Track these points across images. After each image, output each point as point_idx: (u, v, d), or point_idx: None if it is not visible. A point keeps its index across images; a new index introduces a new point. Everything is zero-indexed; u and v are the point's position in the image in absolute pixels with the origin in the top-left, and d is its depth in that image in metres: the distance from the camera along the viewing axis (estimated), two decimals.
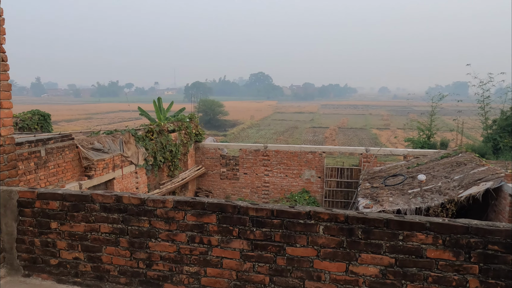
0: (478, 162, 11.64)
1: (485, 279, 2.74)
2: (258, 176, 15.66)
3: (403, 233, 2.84)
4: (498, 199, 9.84)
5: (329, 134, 47.46)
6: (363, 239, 2.91)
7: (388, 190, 11.76)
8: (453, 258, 2.77)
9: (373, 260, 2.91)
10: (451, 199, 9.86)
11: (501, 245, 2.70)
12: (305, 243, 3.02)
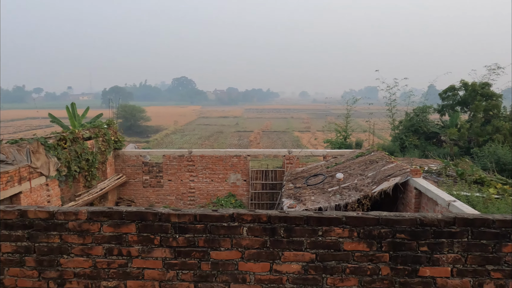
0: (388, 159, 12.69)
1: (394, 266, 2.97)
2: (183, 183, 15.34)
3: (322, 228, 2.96)
4: (405, 192, 10.81)
5: (254, 138, 48.31)
6: (286, 237, 2.98)
7: (310, 190, 12.29)
8: (367, 249, 2.96)
9: (296, 257, 2.99)
10: (366, 194, 10.61)
11: (407, 233, 2.94)
12: (229, 246, 3.00)
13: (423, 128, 23.18)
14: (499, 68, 23.15)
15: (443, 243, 2.94)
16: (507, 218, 2.94)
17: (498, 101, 21.60)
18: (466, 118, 23.04)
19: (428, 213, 3.02)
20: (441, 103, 23.87)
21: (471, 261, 2.95)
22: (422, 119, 23.65)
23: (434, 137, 23.18)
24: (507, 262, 2.94)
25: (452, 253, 2.94)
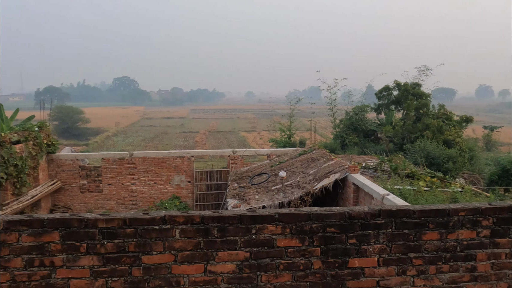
0: (328, 157, 13.16)
1: (326, 259, 3.06)
2: (124, 186, 14.75)
3: (255, 226, 2.98)
4: (344, 188, 11.27)
5: (200, 139, 47.81)
6: (220, 237, 2.96)
7: (254, 189, 12.39)
8: (299, 244, 3.03)
9: (230, 256, 2.98)
10: (308, 191, 10.90)
11: (337, 227, 3.05)
12: (161, 249, 2.92)
13: (362, 126, 24.34)
14: (428, 69, 24.96)
15: (370, 234, 3.08)
16: (426, 208, 3.15)
17: (427, 100, 23.26)
18: (400, 116, 24.54)
19: (356, 207, 3.16)
20: (377, 102, 25.22)
21: (395, 250, 3.12)
22: (360, 118, 24.82)
23: (372, 134, 24.43)
24: (426, 249, 3.15)
25: (378, 243, 3.10)
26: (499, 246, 3.22)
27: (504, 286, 3.27)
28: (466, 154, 19.43)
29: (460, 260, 3.20)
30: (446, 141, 20.17)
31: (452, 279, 3.21)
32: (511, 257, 3.25)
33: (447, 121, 22.34)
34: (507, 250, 3.24)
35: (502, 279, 3.27)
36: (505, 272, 3.26)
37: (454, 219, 3.15)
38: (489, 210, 3.19)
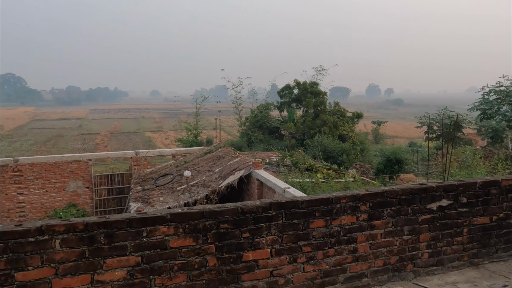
0: (234, 154, 13.35)
1: (220, 255, 3.09)
2: (9, 197, 13.12)
3: (146, 229, 2.86)
4: (249, 184, 11.55)
5: (101, 141, 44.74)
6: (107, 244, 2.78)
7: (159, 190, 12.01)
8: (193, 243, 3.00)
9: (119, 263, 2.82)
10: (214, 190, 10.92)
11: (230, 223, 3.09)
12: (39, 263, 2.65)
13: (267, 124, 25.21)
14: (324, 69, 26.86)
15: (262, 227, 3.19)
16: (312, 198, 3.37)
17: (324, 98, 25.04)
18: (301, 114, 26.02)
19: (248, 201, 3.24)
20: (280, 101, 26.38)
21: (286, 240, 3.28)
22: (265, 116, 25.68)
23: (276, 131, 25.47)
24: (314, 236, 3.37)
25: (270, 235, 3.22)
26: (375, 228, 3.59)
27: (380, 263, 3.66)
28: (358, 147, 21.40)
29: (344, 243, 3.49)
30: (341, 135, 21.96)
31: (338, 261, 3.49)
32: (385, 237, 3.65)
33: (342, 117, 24.33)
34: (382, 231, 3.63)
35: (379, 257, 3.65)
36: (380, 250, 3.65)
37: (337, 206, 3.43)
38: (366, 196, 3.54)
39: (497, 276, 3.87)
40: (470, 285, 3.70)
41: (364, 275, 3.62)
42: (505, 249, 4.21)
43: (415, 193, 3.71)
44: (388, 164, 16.66)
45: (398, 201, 3.66)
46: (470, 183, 3.94)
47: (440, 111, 18.01)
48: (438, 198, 3.81)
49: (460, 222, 3.94)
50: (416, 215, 3.75)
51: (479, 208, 4.01)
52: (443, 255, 3.92)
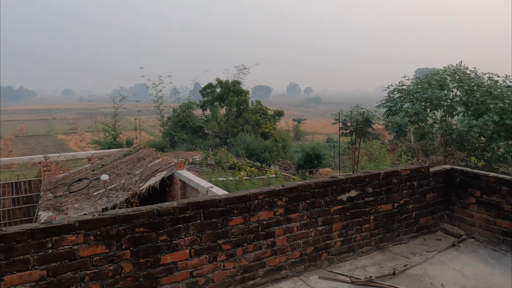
0: (155, 155, 12.93)
1: (136, 261, 2.97)
2: None
3: (52, 239, 2.65)
4: (172, 185, 11.28)
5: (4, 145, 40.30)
6: (5, 259, 2.52)
7: (73, 197, 11.18)
8: (106, 250, 2.85)
9: (20, 279, 2.57)
10: (134, 193, 10.47)
11: (146, 226, 2.99)
12: None
13: (190, 123, 24.85)
14: (245, 68, 27.21)
15: (180, 228, 3.14)
16: (230, 196, 3.41)
17: (246, 96, 25.39)
18: (224, 112, 26.08)
19: (165, 203, 3.16)
20: (203, 99, 26.16)
21: (206, 240, 3.27)
22: (188, 115, 25.28)
23: (199, 130, 25.22)
24: (233, 233, 3.41)
25: (189, 236, 3.19)
26: (292, 221, 3.75)
27: (297, 254, 3.83)
28: (280, 144, 22.09)
29: (262, 238, 3.58)
30: (264, 133, 22.48)
31: (257, 256, 3.57)
32: (301, 229, 3.83)
33: (264, 116, 24.90)
34: (298, 223, 3.79)
35: (296, 249, 3.82)
36: (297, 242, 3.81)
37: (255, 202, 3.51)
38: (282, 191, 3.67)
39: (400, 257, 4.28)
40: (377, 267, 4.04)
41: (283, 267, 3.75)
42: (406, 232, 4.67)
43: (327, 186, 3.94)
44: (308, 160, 17.45)
45: (312, 194, 3.86)
46: (374, 174, 4.30)
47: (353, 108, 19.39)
48: (348, 190, 4.10)
49: (367, 211, 4.28)
50: (329, 206, 3.98)
51: (383, 196, 4.39)
52: (354, 242, 4.23)
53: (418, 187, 4.67)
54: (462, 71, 14.33)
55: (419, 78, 15.26)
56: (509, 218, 4.34)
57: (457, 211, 4.87)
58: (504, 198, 4.36)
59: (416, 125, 13.58)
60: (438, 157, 14.47)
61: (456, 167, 4.97)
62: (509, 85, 13.15)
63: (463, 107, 13.55)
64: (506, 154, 11.61)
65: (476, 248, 4.44)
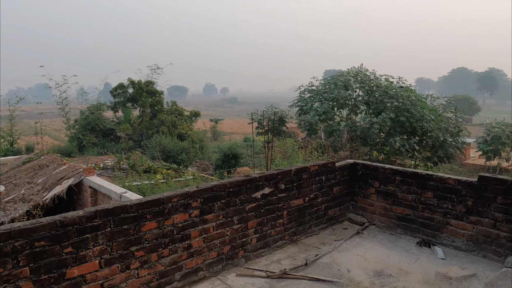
0: (60, 161, 11.93)
1: (38, 278, 2.72)
2: None
3: None
4: (81, 193, 10.51)
5: None
6: None
7: None
8: (0, 270, 2.56)
9: None
10: (37, 204, 9.55)
11: (47, 239, 2.75)
12: None
13: (100, 126, 23.40)
14: (159, 68, 26.44)
15: (87, 238, 2.95)
16: (143, 200, 3.29)
17: (161, 97, 24.69)
18: (137, 114, 25.02)
19: (70, 213, 2.94)
20: (114, 100, 24.81)
21: (117, 248, 3.12)
22: (98, 117, 23.79)
23: (111, 133, 23.87)
24: (147, 239, 3.30)
25: (98, 245, 3.01)
26: (208, 222, 3.75)
27: (214, 254, 3.85)
28: (197, 145, 21.91)
29: (178, 241, 3.53)
30: (180, 134, 22.10)
31: (173, 260, 3.51)
32: (217, 229, 3.85)
33: (180, 116, 24.46)
34: (214, 224, 3.81)
35: (213, 249, 3.83)
36: (214, 242, 3.83)
37: (169, 205, 3.44)
38: (197, 192, 3.65)
39: (311, 248, 4.53)
40: (291, 260, 4.23)
41: (200, 269, 3.74)
42: (316, 224, 4.97)
43: (241, 185, 4.02)
44: (225, 160, 17.58)
45: (227, 193, 3.90)
46: (286, 171, 4.50)
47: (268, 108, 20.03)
48: (262, 187, 4.23)
49: (280, 206, 4.46)
50: (244, 204, 4.07)
51: (295, 192, 4.62)
52: (269, 238, 4.38)
53: (326, 181, 5.00)
54: (363, 73, 15.67)
55: (327, 79, 16.32)
56: (403, 205, 4.87)
57: (360, 201, 5.32)
58: (398, 187, 4.89)
59: (325, 123, 14.51)
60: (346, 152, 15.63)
61: (358, 161, 5.42)
62: (402, 86, 14.73)
63: (365, 106, 14.83)
64: (401, 148, 12.96)
65: (377, 234, 4.90)
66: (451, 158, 14.32)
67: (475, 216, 4.24)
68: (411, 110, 13.12)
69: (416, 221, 4.75)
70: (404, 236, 4.82)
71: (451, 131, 14.03)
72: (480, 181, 4.21)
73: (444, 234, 4.51)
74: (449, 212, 4.46)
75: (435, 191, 4.56)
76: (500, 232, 4.08)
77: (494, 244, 4.13)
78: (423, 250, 4.39)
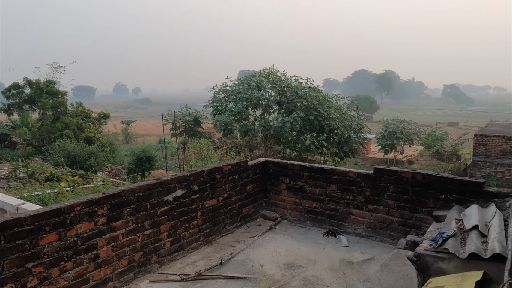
0: None
1: None
2: None
3: None
4: None
5: None
6: None
7: None
8: None
9: None
10: None
11: None
12: None
13: None
14: (61, 67, 24.34)
15: None
16: (40, 212, 3.01)
17: (64, 98, 22.74)
18: (37, 117, 22.74)
19: None
20: (7, 102, 22.25)
21: (10, 266, 2.81)
22: None
23: (5, 139, 21.35)
24: (46, 253, 3.03)
25: None
26: (116, 229, 3.57)
27: (125, 263, 3.68)
28: (107, 149, 20.65)
29: (83, 253, 3.30)
30: (88, 138, 20.63)
31: (78, 273, 3.27)
32: (127, 236, 3.69)
33: (87, 119, 22.81)
34: (123, 231, 3.64)
35: (123, 257, 3.66)
36: (124, 250, 3.66)
37: (71, 215, 3.20)
38: (103, 199, 3.45)
39: (226, 247, 4.58)
40: (206, 260, 4.23)
41: (110, 279, 3.55)
42: (231, 223, 5.04)
43: (152, 188, 3.91)
44: (139, 163, 16.88)
45: (136, 198, 3.75)
46: (199, 172, 4.48)
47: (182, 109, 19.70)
48: (174, 190, 4.15)
49: (194, 208, 4.43)
50: (156, 208, 3.96)
51: (208, 192, 4.62)
52: (183, 240, 4.32)
53: (239, 180, 5.10)
54: (275, 74, 16.27)
55: (240, 79, 16.60)
56: (311, 199, 5.17)
57: (273, 197, 5.52)
58: (306, 182, 5.18)
59: (240, 123, 14.75)
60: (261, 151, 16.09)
61: (269, 159, 5.62)
62: (310, 86, 15.61)
63: (277, 106, 15.41)
64: (311, 145, 13.74)
65: (288, 228, 5.14)
66: (355, 152, 15.57)
67: (373, 204, 4.69)
68: (319, 109, 13.98)
69: (323, 213, 5.09)
70: (313, 228, 5.12)
71: (354, 128, 15.27)
72: (375, 173, 4.65)
73: (347, 223, 4.90)
74: (351, 203, 4.85)
75: (339, 184, 4.92)
76: (393, 218, 4.56)
77: (388, 229, 4.60)
78: (330, 240, 4.72)
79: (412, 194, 4.41)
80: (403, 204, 4.48)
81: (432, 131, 24.62)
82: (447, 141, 24.46)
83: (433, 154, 24.19)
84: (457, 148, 24.12)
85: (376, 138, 21.72)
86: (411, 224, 4.43)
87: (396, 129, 20.51)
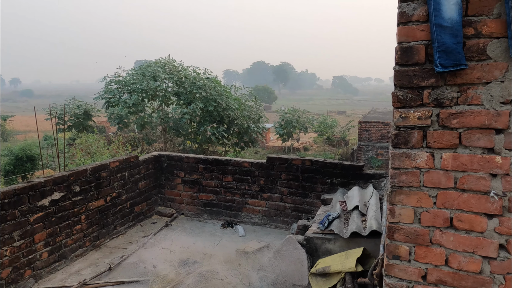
0: None
1: None
2: None
3: None
4: None
5: None
6: None
7: None
8: None
9: None
10: None
11: None
12: None
13: None
14: None
15: None
16: None
17: None
18: None
19: None
20: None
21: None
22: None
23: None
24: None
25: None
26: None
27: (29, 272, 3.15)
28: None
29: None
30: None
31: None
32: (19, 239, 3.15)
33: None
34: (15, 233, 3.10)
35: None
36: None
37: None
38: None
39: (117, 250, 4.25)
40: (93, 267, 3.86)
41: None
42: (122, 224, 4.69)
43: (21, 193, 3.40)
44: (18, 163, 14.91)
45: (1, 206, 3.22)
46: (81, 171, 4.05)
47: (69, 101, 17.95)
48: (50, 193, 3.68)
49: (76, 211, 3.99)
50: (27, 216, 3.46)
51: (93, 192, 4.21)
52: (65, 248, 3.88)
53: (130, 176, 4.76)
54: (172, 64, 15.72)
55: (134, 69, 15.69)
56: (207, 191, 5.08)
57: (168, 192, 5.30)
58: (202, 175, 5.06)
59: (136, 115, 13.96)
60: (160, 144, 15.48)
61: (163, 153, 5.37)
62: (209, 77, 15.46)
63: (175, 97, 14.94)
64: (212, 136, 13.66)
65: (185, 223, 4.98)
66: (255, 142, 15.96)
67: (267, 193, 4.78)
68: (218, 100, 13.94)
69: (220, 204, 5.04)
70: (211, 221, 5.05)
71: (253, 118, 15.61)
72: (268, 161, 4.75)
73: (244, 213, 4.93)
74: (246, 193, 4.89)
75: (234, 175, 4.92)
76: (286, 204, 4.72)
77: (282, 215, 4.75)
78: (227, 231, 4.70)
79: (302, 180, 4.61)
80: (294, 190, 4.65)
81: (324, 119, 26.51)
82: (337, 128, 26.59)
83: (325, 140, 26.11)
84: (345, 134, 26.38)
85: (274, 127, 22.58)
86: (302, 209, 4.64)
87: (292, 118, 21.58)
